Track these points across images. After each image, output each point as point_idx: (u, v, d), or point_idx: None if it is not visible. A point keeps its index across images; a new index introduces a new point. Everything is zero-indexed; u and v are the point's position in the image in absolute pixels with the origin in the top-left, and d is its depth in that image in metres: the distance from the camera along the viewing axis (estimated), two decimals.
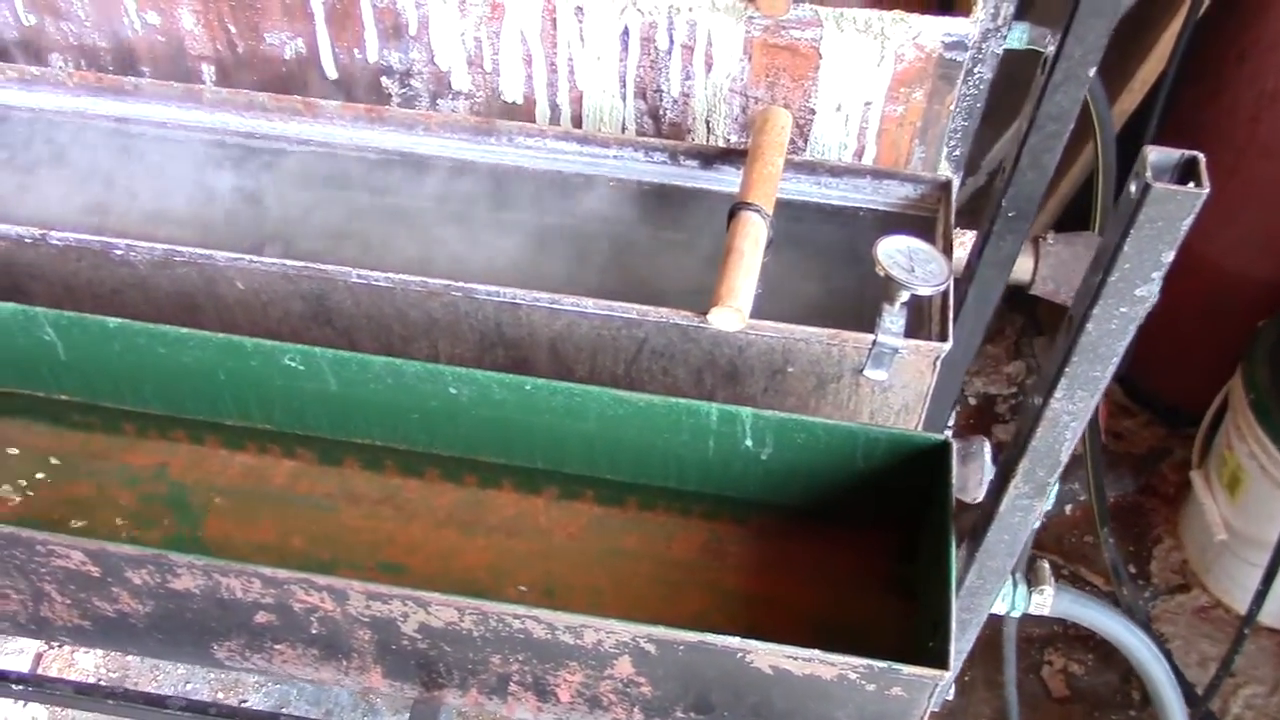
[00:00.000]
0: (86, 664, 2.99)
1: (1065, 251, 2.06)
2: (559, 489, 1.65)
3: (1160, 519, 3.22)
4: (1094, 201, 2.32)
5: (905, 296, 1.53)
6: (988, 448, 1.55)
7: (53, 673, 2.98)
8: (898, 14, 1.68)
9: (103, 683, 2.94)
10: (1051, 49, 1.40)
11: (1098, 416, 2.72)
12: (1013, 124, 2.70)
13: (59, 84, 1.84)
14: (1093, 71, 1.38)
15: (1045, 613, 1.55)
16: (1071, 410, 1.18)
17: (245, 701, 2.97)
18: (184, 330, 1.55)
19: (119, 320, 1.55)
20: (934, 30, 1.68)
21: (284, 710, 2.95)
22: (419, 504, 1.64)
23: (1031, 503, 1.28)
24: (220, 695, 2.98)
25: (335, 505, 1.64)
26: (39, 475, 1.66)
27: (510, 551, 1.61)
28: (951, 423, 2.05)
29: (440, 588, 1.37)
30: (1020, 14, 1.85)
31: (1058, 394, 1.16)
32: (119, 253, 1.62)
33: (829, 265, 1.73)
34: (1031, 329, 3.59)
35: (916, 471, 1.53)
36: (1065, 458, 1.23)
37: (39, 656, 3.00)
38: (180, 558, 1.36)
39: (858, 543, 1.63)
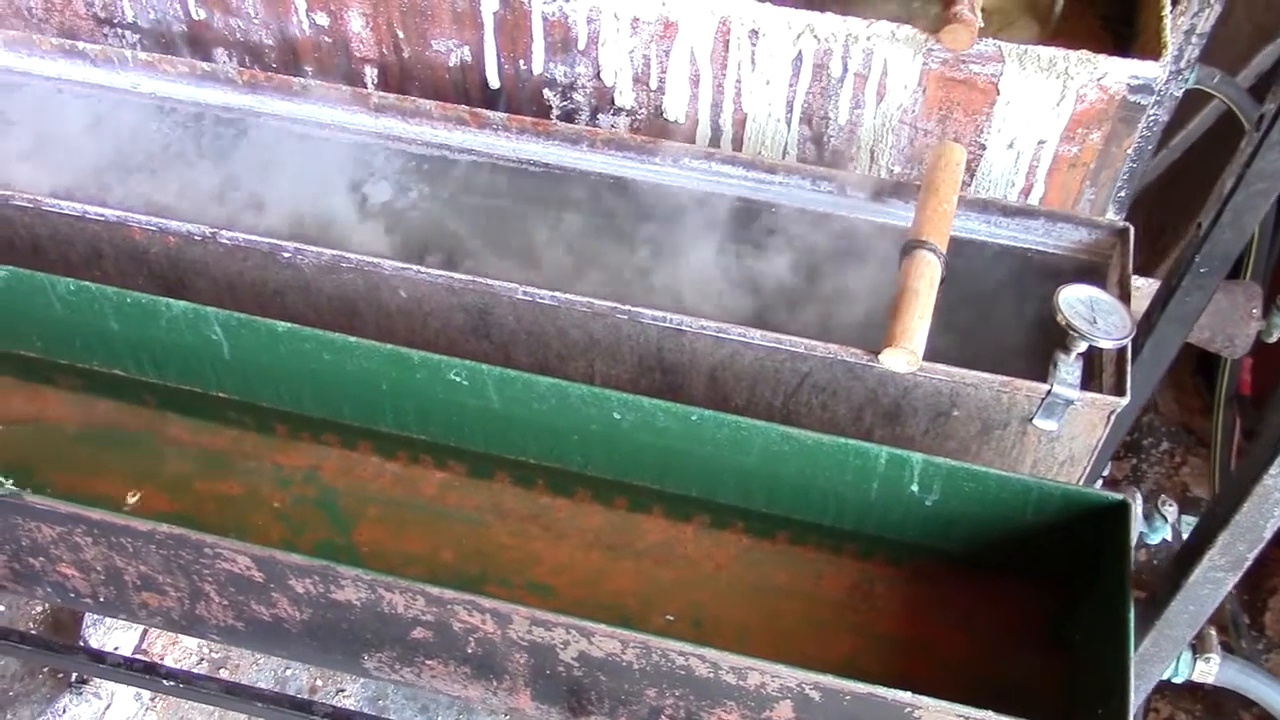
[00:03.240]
0: (189, 644, 3.03)
1: (1224, 300, 2.00)
2: (709, 518, 1.63)
3: (1277, 569, 3.13)
4: (1250, 248, 2.25)
5: (1083, 347, 1.49)
6: (1139, 499, 1.51)
7: (156, 649, 3.02)
8: (1084, 54, 1.64)
9: (205, 663, 2.97)
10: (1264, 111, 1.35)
11: (1230, 462, 2.65)
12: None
13: (227, 81, 1.85)
14: None
15: (1210, 681, 1.50)
16: None
17: (343, 690, 2.99)
18: (351, 339, 1.55)
19: (288, 325, 1.56)
20: (1120, 72, 1.64)
21: (381, 703, 2.97)
22: (567, 524, 1.63)
23: (1225, 576, 1.24)
24: (319, 683, 3.00)
25: (484, 520, 1.63)
26: (191, 471, 1.67)
27: (657, 578, 1.60)
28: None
29: (588, 611, 1.36)
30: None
31: (1272, 470, 1.12)
32: (286, 255, 1.62)
33: (993, 306, 1.70)
34: None
35: (1081, 526, 1.49)
36: (1269, 534, 1.19)
37: (144, 633, 3.04)
38: (347, 570, 1.35)
39: (1010, 592, 1.59)
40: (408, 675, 1.53)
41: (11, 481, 1.48)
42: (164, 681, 1.63)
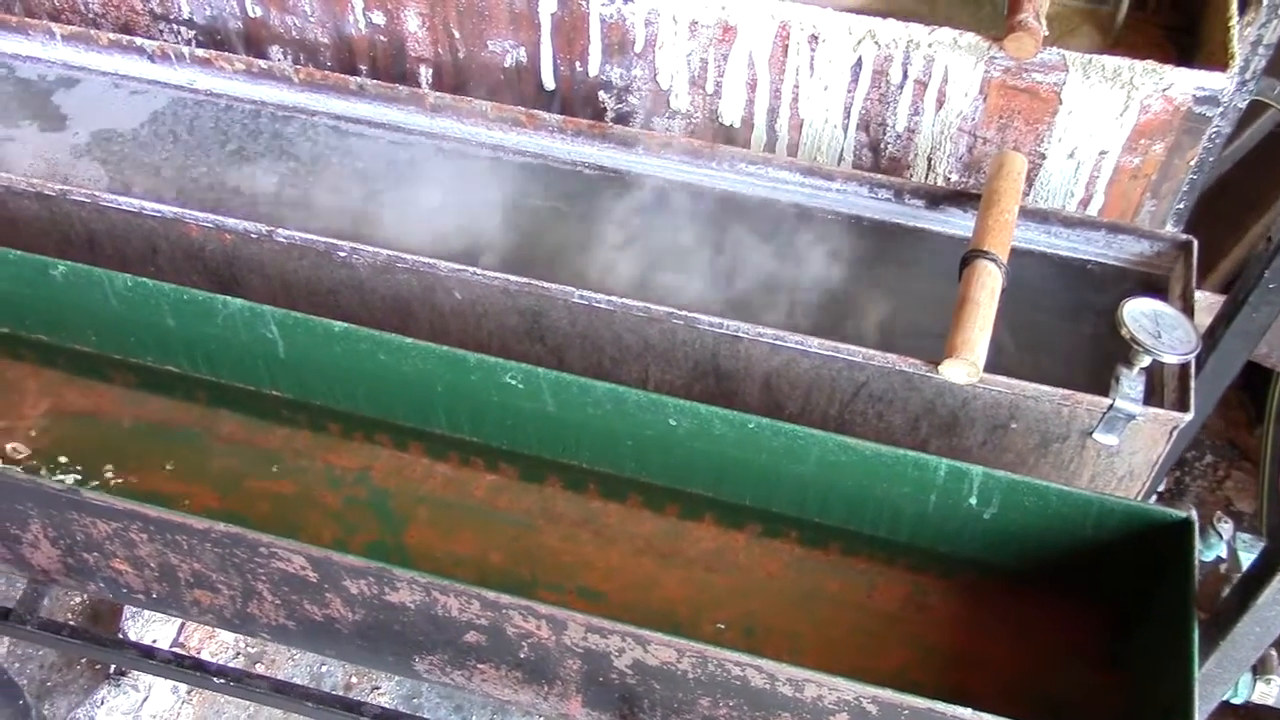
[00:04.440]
0: (226, 638, 3.03)
1: None
2: (762, 526, 1.62)
3: None
4: None
5: (1146, 362, 1.47)
6: (1194, 515, 1.49)
7: (193, 643, 3.03)
8: (1150, 64, 1.62)
9: (241, 657, 2.98)
10: None
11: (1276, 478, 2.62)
12: None
13: (284, 79, 1.85)
14: None
15: (1270, 703, 1.48)
16: None
17: (379, 688, 2.99)
18: (407, 340, 1.54)
19: (344, 325, 1.56)
20: (1186, 83, 1.62)
21: (415, 700, 2.97)
22: (618, 529, 1.63)
23: None
24: (354, 679, 3.01)
25: (534, 524, 1.63)
26: (243, 469, 1.67)
27: (709, 586, 1.59)
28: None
29: (639, 618, 1.35)
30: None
31: None
32: (342, 255, 1.62)
33: (1050, 318, 1.68)
34: None
35: (1139, 542, 1.47)
36: None
37: (181, 626, 3.05)
38: (403, 573, 1.35)
39: (1064, 609, 1.57)
40: (458, 678, 1.53)
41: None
42: (213, 679, 1.63)
